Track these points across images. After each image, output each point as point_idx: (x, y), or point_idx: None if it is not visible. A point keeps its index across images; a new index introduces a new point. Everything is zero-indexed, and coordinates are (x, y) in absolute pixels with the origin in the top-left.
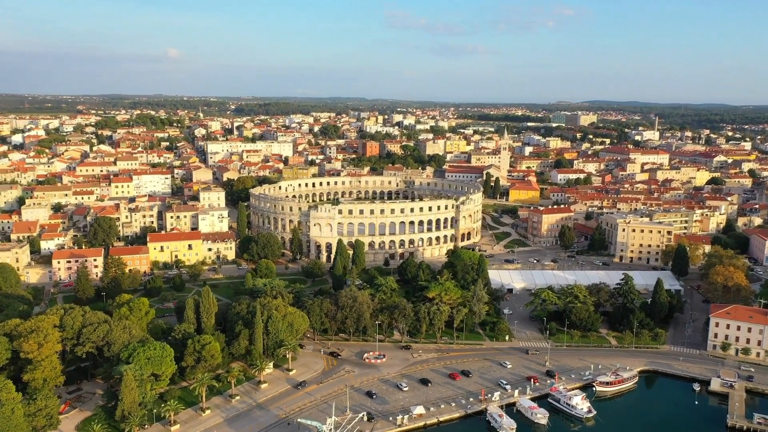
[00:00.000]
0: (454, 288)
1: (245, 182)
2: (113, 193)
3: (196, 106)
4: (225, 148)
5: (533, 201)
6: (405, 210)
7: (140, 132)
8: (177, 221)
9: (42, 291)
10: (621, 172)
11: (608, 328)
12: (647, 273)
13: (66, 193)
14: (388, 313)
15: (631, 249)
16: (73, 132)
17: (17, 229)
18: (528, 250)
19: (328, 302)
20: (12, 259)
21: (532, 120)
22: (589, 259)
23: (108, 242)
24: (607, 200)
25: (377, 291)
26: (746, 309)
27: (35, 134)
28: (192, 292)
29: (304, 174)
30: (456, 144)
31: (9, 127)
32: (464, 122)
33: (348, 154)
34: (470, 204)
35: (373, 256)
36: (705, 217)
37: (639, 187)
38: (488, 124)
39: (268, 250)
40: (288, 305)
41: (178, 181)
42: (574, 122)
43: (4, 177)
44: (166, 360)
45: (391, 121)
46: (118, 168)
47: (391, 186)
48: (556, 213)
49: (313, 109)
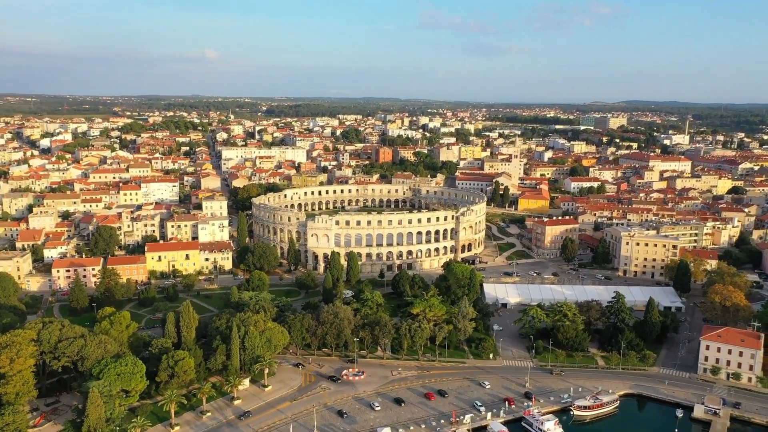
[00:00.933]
0: (439, 304)
1: (250, 190)
2: (122, 200)
3: (229, 108)
4: (239, 154)
5: (542, 210)
6: (403, 221)
7: (163, 136)
8: (178, 230)
9: (41, 300)
10: (638, 180)
11: (598, 347)
12: (648, 289)
13: (75, 200)
14: (369, 330)
15: (635, 263)
16: (99, 136)
17: (22, 237)
18: (530, 263)
19: (309, 318)
20: (13, 267)
21: (562, 122)
22: (592, 272)
23: (109, 251)
24: (617, 211)
25: (363, 306)
26: (738, 332)
27: (62, 138)
28: (185, 302)
29: (312, 181)
30: (470, 150)
31: (40, 130)
32: (492, 124)
33: (362, 160)
34: (471, 215)
35: (370, 267)
36: (716, 230)
37: (655, 196)
38: (516, 127)
39: (264, 261)
40: (269, 320)
41: (187, 188)
42: (603, 125)
43: (19, 184)
44: (136, 376)
45: (417, 123)
46: (130, 175)
47: (398, 194)
48: (560, 224)
49: (344, 110)
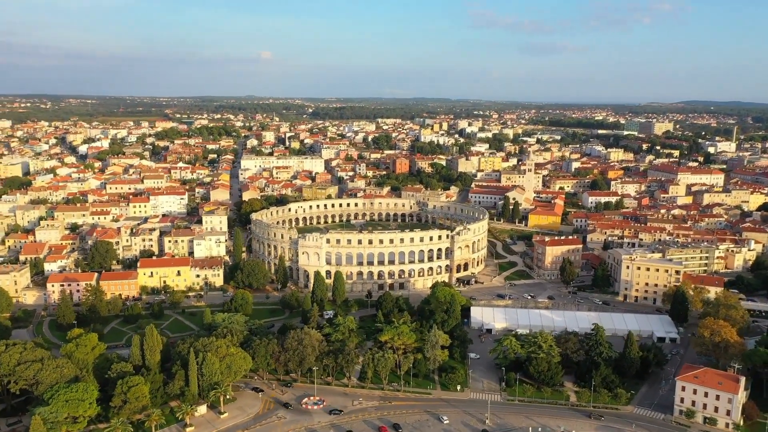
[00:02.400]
0: (408, 332)
1: (253, 204)
2: (131, 212)
3: (277, 110)
4: (258, 164)
5: (553, 227)
6: (394, 240)
7: (195, 143)
8: (175, 245)
9: (33, 314)
10: (663, 195)
11: (575, 381)
12: (644, 317)
13: (84, 213)
14: (334, 357)
15: (636, 288)
16: (135, 143)
17: (26, 251)
18: (529, 284)
19: (274, 343)
20: (10, 281)
21: (606, 126)
22: (591, 296)
23: (105, 266)
24: (628, 229)
25: (335, 330)
26: (717, 374)
27: (98, 145)
28: (170, 319)
29: (322, 194)
30: (490, 161)
31: (82, 136)
32: (533, 128)
33: (379, 170)
34: (467, 234)
35: (361, 286)
36: (730, 253)
37: (676, 212)
38: (558, 131)
39: (253, 278)
40: (233, 345)
41: (198, 199)
42: (648, 130)
43: (38, 195)
44: (85, 403)
45: (456, 127)
46: (145, 186)
47: (405, 209)
48: (561, 244)
49: (388, 113)
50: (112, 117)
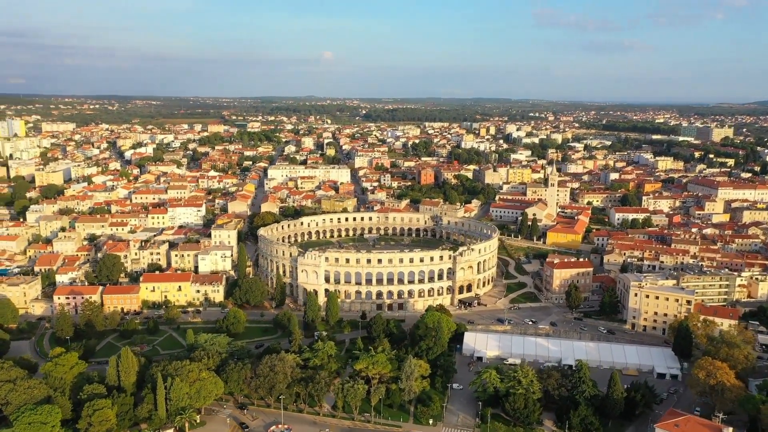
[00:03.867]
0: (384, 361)
1: (264, 218)
2: (149, 223)
3: (332, 111)
4: (284, 173)
5: (573, 246)
6: (393, 260)
7: (234, 149)
8: (181, 260)
9: (37, 325)
10: (698, 212)
11: (555, 421)
12: (646, 349)
13: (103, 224)
14: (304, 385)
15: (644, 317)
16: (178, 148)
17: (40, 262)
18: (534, 307)
19: (247, 368)
20: (20, 293)
21: (663, 131)
22: (597, 323)
23: (113, 279)
24: (649, 251)
25: (314, 355)
26: (700, 423)
27: (141, 151)
28: (165, 335)
29: (340, 206)
30: (519, 173)
31: (131, 141)
32: (585, 133)
33: (404, 181)
34: (471, 254)
35: (360, 306)
36: (754, 282)
37: (708, 232)
38: (610, 136)
39: (251, 295)
40: (205, 369)
41: (217, 210)
42: (706, 136)
43: (66, 204)
44: (47, 426)
45: (503, 131)
46: (168, 196)
47: (420, 223)
48: (570, 267)
49: (444, 114)
50: (172, 119)
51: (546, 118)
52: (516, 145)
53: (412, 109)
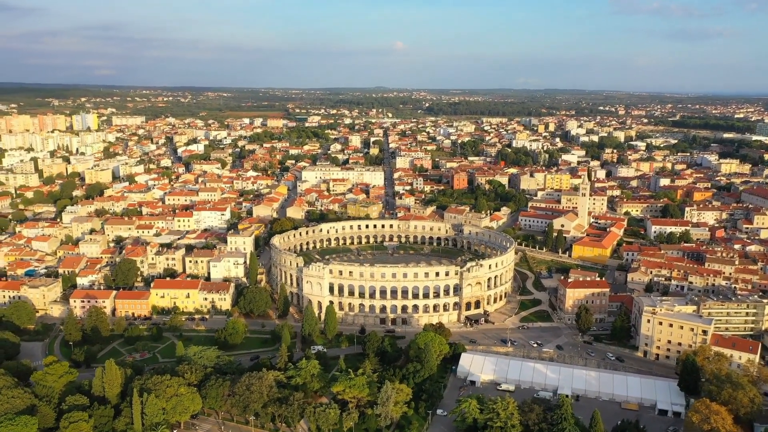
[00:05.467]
0: (362, 385)
1: (283, 224)
2: (176, 226)
3: (395, 104)
4: (318, 175)
5: (600, 260)
6: (397, 275)
7: (281, 147)
8: (195, 266)
9: (53, 328)
10: (746, 225)
11: None
12: (650, 381)
13: (130, 227)
14: (278, 406)
15: (656, 345)
16: (228, 144)
17: (65, 264)
18: (544, 327)
19: (225, 386)
20: (39, 295)
21: (737, 128)
22: (607, 348)
23: (128, 283)
24: (677, 270)
25: (297, 374)
26: None
27: (192, 149)
28: (167, 342)
29: (364, 211)
30: (557, 179)
31: (186, 137)
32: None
33: (437, 185)
34: (479, 271)
35: (363, 319)
36: None
37: (752, 249)
38: (677, 134)
39: (254, 305)
40: (185, 385)
41: (245, 213)
42: None
43: (102, 205)
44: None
45: (564, 127)
46: (199, 198)
47: (441, 232)
48: (585, 287)
49: (509, 107)
50: (237, 111)
51: (615, 112)
52: (572, 144)
53: (476, 102)
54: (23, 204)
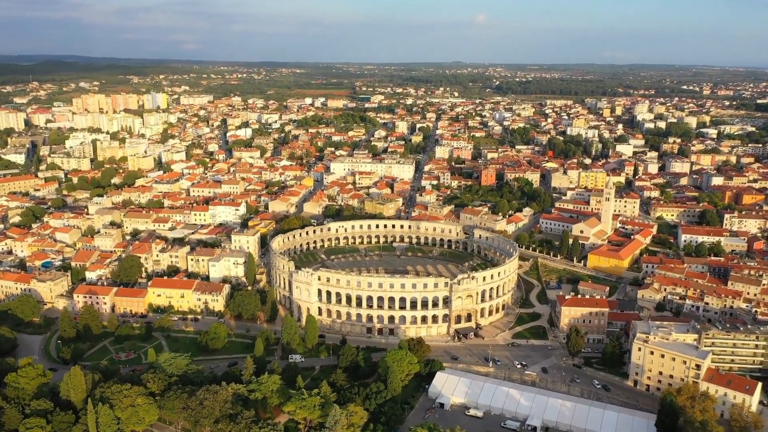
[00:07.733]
0: (312, 406)
1: (291, 222)
2: (192, 220)
3: (464, 82)
4: (347, 167)
5: (616, 272)
6: (384, 285)
7: (325, 133)
8: (196, 264)
9: (55, 321)
10: None
11: None
12: (628, 417)
13: (147, 220)
14: (227, 423)
15: (648, 375)
16: (275, 129)
17: (77, 257)
18: (535, 346)
19: (183, 398)
20: (47, 289)
21: None
22: (596, 374)
23: (131, 280)
24: (693, 289)
25: (258, 388)
26: None
27: (236, 134)
28: (155, 342)
29: (381, 208)
30: (592, 177)
31: (239, 120)
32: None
33: (466, 180)
34: (470, 283)
35: (350, 328)
36: None
37: None
38: (758, 120)
39: (242, 308)
40: (143, 395)
41: (262, 208)
42: None
43: (129, 195)
44: None
45: (632, 111)
46: (221, 191)
47: (452, 235)
48: (582, 306)
49: (587, 85)
50: (305, 89)
51: (700, 92)
52: (635, 131)
53: (550, 80)
54: (66, 190)
